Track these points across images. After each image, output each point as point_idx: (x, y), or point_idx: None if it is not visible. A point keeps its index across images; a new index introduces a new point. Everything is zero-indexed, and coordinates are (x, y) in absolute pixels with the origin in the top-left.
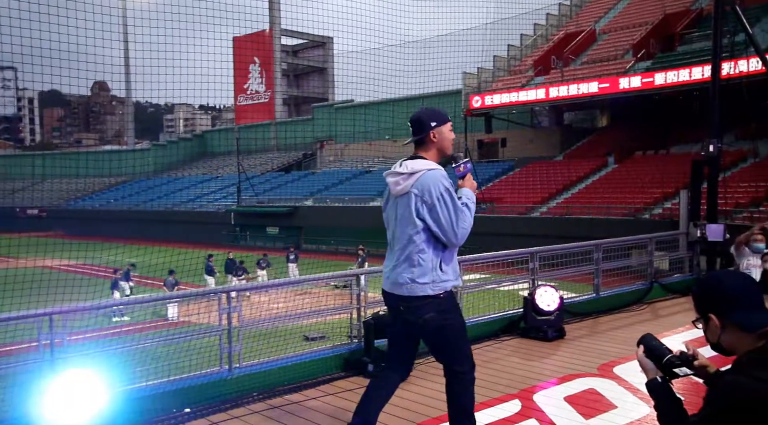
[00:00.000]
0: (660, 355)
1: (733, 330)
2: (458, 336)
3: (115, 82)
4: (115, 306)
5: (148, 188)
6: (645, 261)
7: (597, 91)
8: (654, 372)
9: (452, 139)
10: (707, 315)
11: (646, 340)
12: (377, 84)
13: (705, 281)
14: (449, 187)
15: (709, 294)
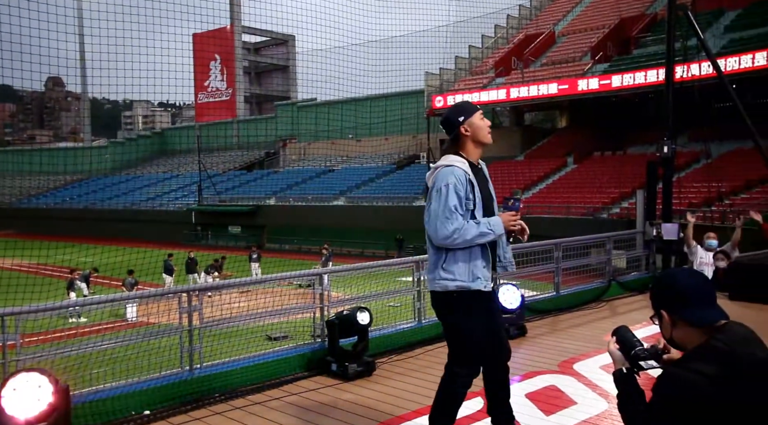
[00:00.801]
0: (630, 347)
1: (683, 325)
2: (461, 337)
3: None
4: (72, 307)
5: (106, 186)
6: (603, 260)
7: (556, 93)
8: (621, 362)
9: (486, 126)
10: (659, 311)
11: (621, 332)
12: (340, 83)
13: (660, 278)
14: (454, 183)
15: (662, 292)
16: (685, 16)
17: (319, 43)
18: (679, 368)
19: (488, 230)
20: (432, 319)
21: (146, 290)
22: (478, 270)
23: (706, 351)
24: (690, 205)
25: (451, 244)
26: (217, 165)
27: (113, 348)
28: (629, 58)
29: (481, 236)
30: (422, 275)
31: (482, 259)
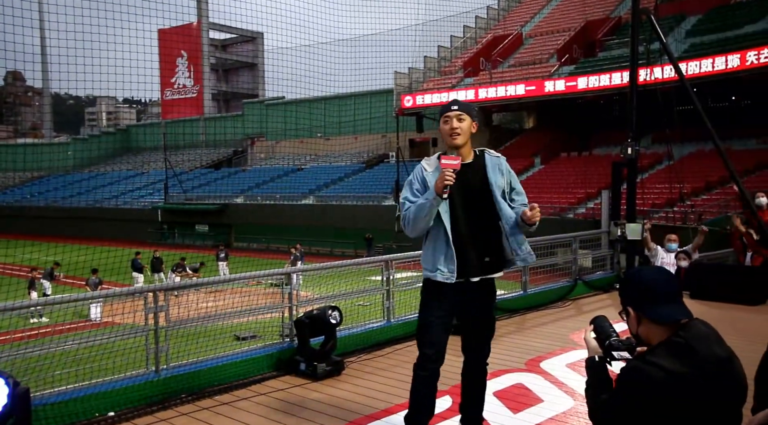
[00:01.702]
0: (606, 337)
1: (647, 322)
2: (419, 321)
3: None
4: (33, 307)
5: (68, 184)
6: (570, 259)
7: (524, 94)
8: (595, 351)
9: (448, 128)
10: (627, 308)
11: (598, 321)
12: (308, 81)
13: (627, 276)
14: (412, 178)
15: (628, 289)
16: (648, 20)
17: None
18: (640, 361)
19: (423, 201)
20: (401, 318)
21: (111, 290)
22: (440, 263)
23: (668, 346)
24: (653, 205)
25: (409, 230)
26: (183, 163)
27: (77, 349)
28: (594, 61)
29: (420, 209)
30: (391, 274)
31: (444, 252)
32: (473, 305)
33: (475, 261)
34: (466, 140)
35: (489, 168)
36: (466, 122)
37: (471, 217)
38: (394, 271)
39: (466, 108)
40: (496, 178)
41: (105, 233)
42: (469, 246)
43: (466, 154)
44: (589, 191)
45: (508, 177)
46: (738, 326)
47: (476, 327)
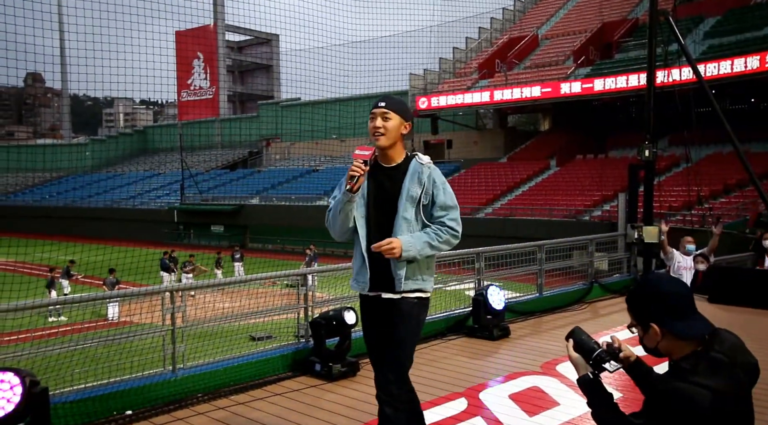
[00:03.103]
0: (589, 349)
1: (671, 337)
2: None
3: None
4: (52, 305)
5: (86, 184)
6: (585, 262)
7: (539, 96)
8: (584, 367)
9: (372, 126)
10: (647, 324)
11: (576, 334)
12: (324, 83)
13: (644, 290)
14: (343, 179)
15: (650, 305)
16: (666, 21)
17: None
18: (687, 383)
19: (337, 194)
20: None
21: (128, 289)
22: (357, 273)
23: (709, 363)
24: (670, 208)
25: (330, 231)
26: (199, 164)
27: (95, 348)
28: (611, 63)
29: (335, 205)
30: None
31: (360, 262)
32: (385, 325)
33: (383, 276)
34: (392, 141)
35: (408, 174)
36: (392, 121)
37: (384, 226)
38: None
39: (396, 106)
40: (411, 186)
41: (122, 233)
42: (380, 260)
43: (394, 157)
44: (605, 194)
45: (430, 188)
46: (755, 330)
47: (379, 351)
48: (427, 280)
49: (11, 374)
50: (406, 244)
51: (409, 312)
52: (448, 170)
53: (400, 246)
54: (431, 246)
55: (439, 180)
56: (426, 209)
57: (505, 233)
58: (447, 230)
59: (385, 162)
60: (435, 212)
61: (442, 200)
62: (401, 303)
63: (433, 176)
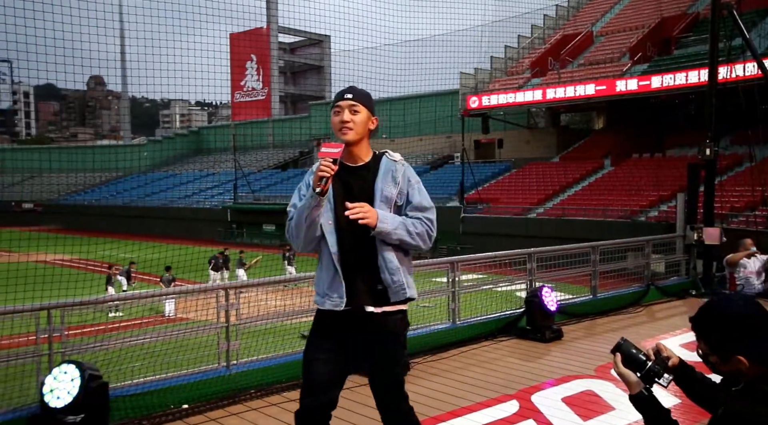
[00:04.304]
0: (640, 363)
1: (756, 367)
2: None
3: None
4: (114, 302)
5: (144, 184)
6: (641, 264)
7: (593, 94)
8: (638, 384)
9: (338, 120)
10: (729, 355)
11: (623, 347)
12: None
13: (720, 316)
14: (301, 183)
15: (729, 333)
16: (730, 15)
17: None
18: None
19: (296, 201)
20: (466, 320)
21: (185, 287)
22: (327, 287)
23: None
24: (732, 209)
25: (294, 241)
26: (252, 164)
27: (152, 343)
28: (669, 59)
29: (300, 212)
30: (457, 276)
31: (332, 275)
32: (369, 344)
33: (363, 287)
34: (360, 136)
35: (380, 173)
36: (361, 114)
37: (356, 231)
38: (459, 273)
39: (364, 98)
40: (385, 185)
41: (177, 231)
42: (357, 269)
43: (361, 154)
44: (662, 194)
45: (405, 187)
46: None
47: (375, 374)
48: (412, 286)
49: (73, 366)
50: (382, 215)
51: (395, 328)
52: (498, 170)
53: (375, 213)
54: (407, 231)
55: (414, 179)
56: (401, 210)
57: (557, 233)
58: (424, 224)
59: (350, 161)
60: (410, 213)
61: (417, 201)
62: (385, 318)
63: (408, 174)
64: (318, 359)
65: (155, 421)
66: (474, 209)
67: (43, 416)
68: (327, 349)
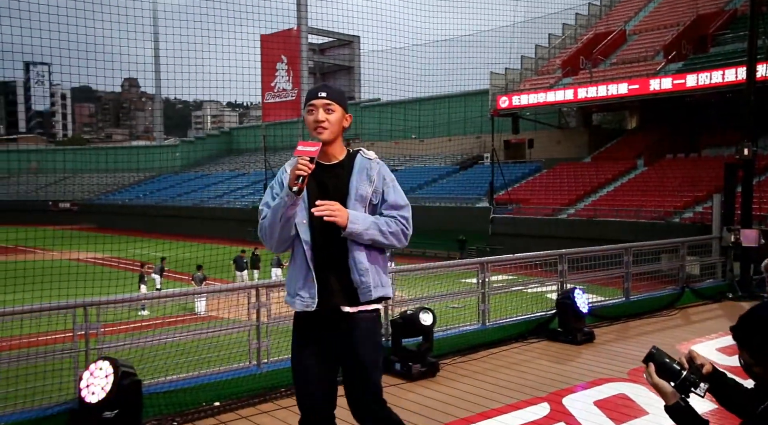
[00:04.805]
0: (674, 373)
1: None
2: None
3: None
4: (149, 299)
5: (176, 184)
6: (675, 266)
7: (626, 93)
8: (674, 394)
9: (309, 120)
10: None
11: (656, 357)
12: (403, 83)
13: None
14: (274, 182)
15: None
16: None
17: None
18: None
19: (278, 200)
20: (496, 322)
21: (216, 285)
22: (300, 287)
23: None
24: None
25: (267, 240)
26: (282, 164)
27: (184, 341)
28: (705, 57)
29: (274, 211)
30: (487, 276)
31: (305, 274)
32: (344, 345)
33: (336, 287)
34: (335, 135)
35: (354, 172)
36: (336, 113)
37: (331, 231)
38: (489, 274)
39: (338, 96)
40: (360, 184)
41: (209, 230)
42: (330, 268)
43: (335, 153)
44: (697, 195)
45: (380, 185)
46: None
47: (349, 378)
48: (388, 285)
49: (107, 363)
50: (353, 215)
51: (368, 328)
52: (528, 170)
53: (346, 212)
54: (380, 230)
55: (389, 177)
56: (376, 209)
57: (588, 234)
58: (398, 222)
59: (324, 159)
60: (385, 212)
61: (393, 199)
62: (359, 319)
63: (383, 172)
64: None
65: (188, 418)
66: (504, 210)
67: (80, 411)
68: (309, 354)
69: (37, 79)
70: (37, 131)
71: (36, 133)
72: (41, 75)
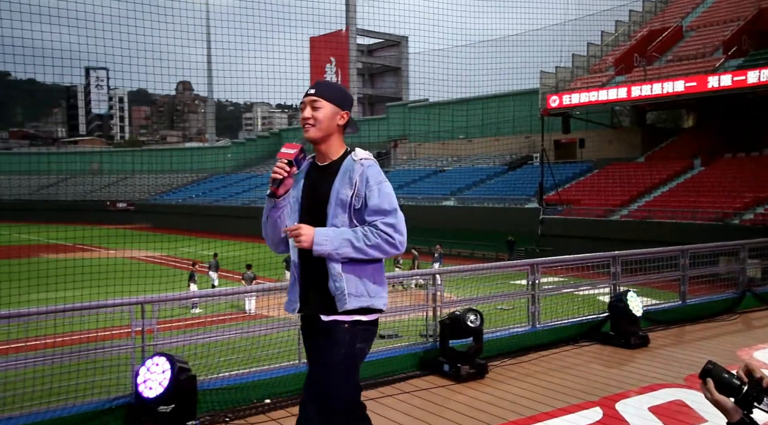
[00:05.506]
0: (735, 388)
1: None
2: None
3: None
4: (202, 298)
5: (228, 184)
6: (735, 269)
7: (683, 91)
8: (736, 410)
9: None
10: None
11: (716, 373)
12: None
13: None
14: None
15: None
16: None
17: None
18: None
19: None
20: (547, 324)
21: (266, 284)
22: (290, 290)
23: None
24: None
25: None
26: None
27: (234, 339)
28: (767, 52)
29: (264, 212)
30: (537, 278)
31: (294, 277)
32: (316, 353)
33: (317, 293)
34: (323, 133)
35: (339, 174)
36: (324, 109)
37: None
38: (539, 275)
39: (327, 91)
40: (341, 187)
41: (258, 230)
42: (314, 274)
43: (330, 152)
44: (758, 195)
45: (362, 189)
46: None
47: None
48: (377, 295)
49: (164, 359)
50: (320, 236)
51: (342, 339)
52: (579, 170)
53: (311, 235)
54: (354, 247)
55: (373, 180)
56: (360, 214)
57: (641, 236)
58: (379, 234)
59: (320, 160)
60: (368, 217)
61: (375, 203)
62: (333, 329)
63: (367, 174)
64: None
65: (239, 414)
66: (554, 211)
67: (137, 405)
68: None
69: (96, 83)
70: (97, 133)
71: (95, 135)
72: (100, 79)
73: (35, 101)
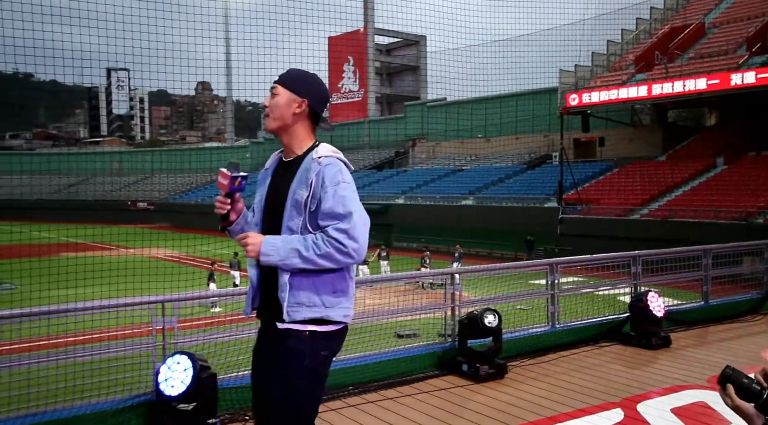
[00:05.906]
0: (755, 393)
1: None
2: None
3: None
4: (221, 297)
5: (246, 184)
6: (760, 269)
7: (705, 88)
8: (758, 416)
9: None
10: None
11: (735, 378)
12: (470, 82)
13: None
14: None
15: None
16: None
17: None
18: None
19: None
20: (566, 324)
21: None
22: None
23: None
24: None
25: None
26: (348, 163)
27: (254, 337)
28: None
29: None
30: (556, 278)
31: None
32: (269, 364)
33: (271, 300)
34: (281, 122)
35: (297, 173)
36: (279, 97)
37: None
38: (559, 275)
39: (288, 79)
40: (298, 187)
41: None
42: (269, 277)
43: (294, 146)
44: None
45: (318, 190)
46: None
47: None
48: (333, 306)
49: (185, 357)
50: (267, 246)
51: (298, 351)
52: (598, 169)
53: (258, 245)
54: (302, 257)
55: (329, 180)
56: (315, 217)
57: (663, 236)
58: (330, 242)
59: (285, 155)
60: (321, 222)
61: (328, 206)
62: (288, 337)
63: (324, 173)
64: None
65: None
66: (573, 210)
67: (158, 403)
68: (253, 364)
69: (117, 84)
70: (118, 133)
71: (116, 136)
72: (121, 80)
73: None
